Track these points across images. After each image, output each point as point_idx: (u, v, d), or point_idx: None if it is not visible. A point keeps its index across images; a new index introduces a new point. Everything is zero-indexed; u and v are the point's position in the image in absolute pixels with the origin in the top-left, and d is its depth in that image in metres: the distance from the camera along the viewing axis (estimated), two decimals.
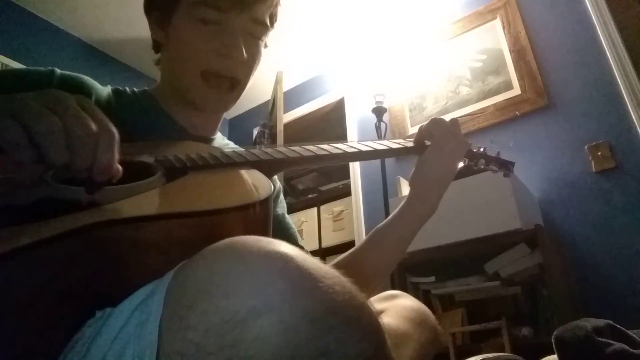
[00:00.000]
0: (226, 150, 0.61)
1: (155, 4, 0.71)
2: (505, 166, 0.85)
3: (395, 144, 0.76)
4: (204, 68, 0.67)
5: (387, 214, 2.13)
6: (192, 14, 0.66)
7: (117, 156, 0.38)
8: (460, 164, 0.76)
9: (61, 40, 2.75)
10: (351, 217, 2.66)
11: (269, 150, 0.63)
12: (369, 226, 2.56)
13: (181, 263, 0.34)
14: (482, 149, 0.84)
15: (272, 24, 0.73)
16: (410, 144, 0.76)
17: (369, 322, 0.29)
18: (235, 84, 0.70)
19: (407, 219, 0.73)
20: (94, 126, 0.36)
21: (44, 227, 0.35)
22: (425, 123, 0.75)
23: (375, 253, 0.73)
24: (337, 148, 0.68)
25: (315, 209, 2.86)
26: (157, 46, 0.74)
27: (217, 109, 0.74)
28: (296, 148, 0.66)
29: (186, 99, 0.71)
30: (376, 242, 0.74)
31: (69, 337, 0.35)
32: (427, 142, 0.74)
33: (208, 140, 0.77)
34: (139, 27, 2.78)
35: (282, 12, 0.77)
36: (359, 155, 0.70)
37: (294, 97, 3.20)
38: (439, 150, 0.72)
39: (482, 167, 0.83)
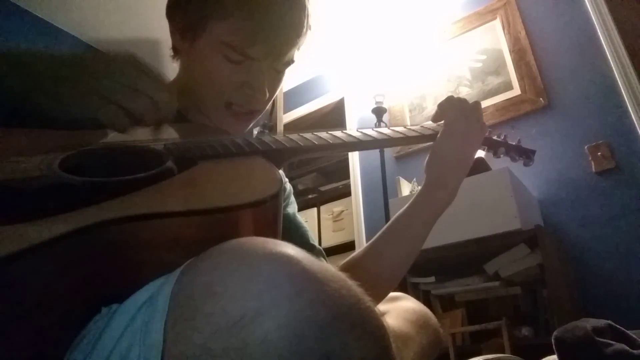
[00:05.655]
0: (236, 138, 0.60)
1: (180, 15, 0.66)
2: (526, 154, 0.81)
3: (411, 131, 0.71)
4: (226, 100, 0.67)
5: (387, 214, 2.13)
6: (219, 49, 0.63)
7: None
8: (482, 153, 0.72)
9: (61, 40, 2.75)
10: (351, 217, 2.66)
11: (280, 138, 0.60)
12: (369, 226, 2.56)
13: (187, 262, 0.34)
14: (502, 137, 0.80)
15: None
16: (427, 131, 0.72)
17: (375, 327, 0.29)
18: (255, 112, 0.71)
19: (424, 205, 0.68)
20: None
21: (50, 225, 0.35)
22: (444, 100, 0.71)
23: (392, 244, 0.69)
24: (351, 136, 0.64)
25: (315, 209, 2.86)
26: (176, 50, 0.71)
27: (233, 133, 0.74)
28: (308, 136, 0.62)
29: (204, 114, 0.70)
30: (393, 232, 0.69)
31: (76, 333, 0.35)
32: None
33: None
34: (139, 27, 2.79)
35: None
36: (373, 143, 0.67)
37: (294, 97, 3.20)
38: (450, 132, 0.67)
39: (501, 155, 0.79)
